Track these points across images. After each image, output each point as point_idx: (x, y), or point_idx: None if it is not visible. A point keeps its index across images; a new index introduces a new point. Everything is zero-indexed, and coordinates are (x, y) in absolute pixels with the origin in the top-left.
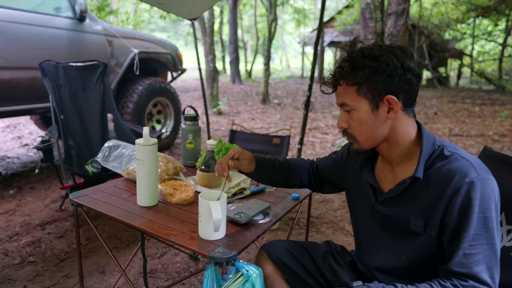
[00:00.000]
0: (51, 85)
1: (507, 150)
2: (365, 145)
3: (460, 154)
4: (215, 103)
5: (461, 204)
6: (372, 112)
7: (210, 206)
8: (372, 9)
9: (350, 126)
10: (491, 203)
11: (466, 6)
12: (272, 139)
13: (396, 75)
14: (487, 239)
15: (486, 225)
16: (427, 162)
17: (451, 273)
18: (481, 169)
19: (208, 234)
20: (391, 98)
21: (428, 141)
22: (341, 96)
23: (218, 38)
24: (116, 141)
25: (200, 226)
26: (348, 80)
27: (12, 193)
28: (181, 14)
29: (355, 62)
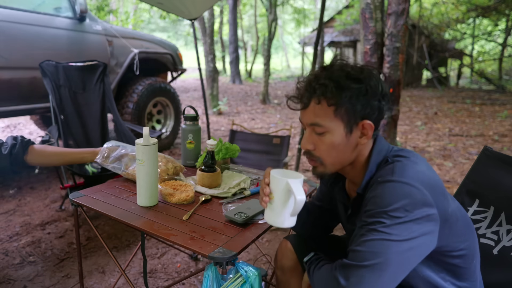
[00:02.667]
0: (51, 85)
1: (507, 150)
2: (331, 169)
3: (396, 161)
4: (215, 103)
5: (368, 200)
6: (346, 136)
7: (290, 185)
8: (372, 9)
9: (317, 148)
10: (395, 205)
11: (466, 6)
12: (272, 139)
13: (375, 100)
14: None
15: (381, 223)
16: (374, 175)
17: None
18: (401, 173)
19: (281, 219)
20: (368, 123)
21: (377, 156)
22: (314, 115)
23: (218, 38)
24: (115, 141)
25: (270, 209)
26: (329, 100)
27: (12, 193)
28: (181, 14)
29: (339, 82)
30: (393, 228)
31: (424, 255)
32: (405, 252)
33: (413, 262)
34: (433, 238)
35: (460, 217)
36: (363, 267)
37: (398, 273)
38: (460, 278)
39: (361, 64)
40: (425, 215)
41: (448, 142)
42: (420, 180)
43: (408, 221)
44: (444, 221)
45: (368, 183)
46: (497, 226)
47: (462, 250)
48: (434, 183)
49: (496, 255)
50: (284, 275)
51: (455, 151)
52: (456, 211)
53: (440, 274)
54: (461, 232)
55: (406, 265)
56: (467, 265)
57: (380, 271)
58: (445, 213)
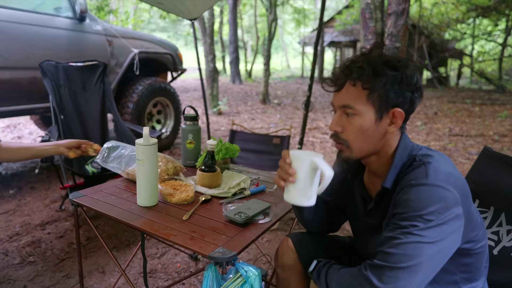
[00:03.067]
0: (51, 85)
1: (507, 150)
2: (357, 154)
3: (427, 163)
4: (215, 103)
5: (400, 202)
6: (375, 122)
7: (317, 163)
8: (372, 9)
9: (345, 131)
10: (429, 209)
11: (466, 6)
12: (272, 139)
13: (408, 90)
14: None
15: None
16: (400, 172)
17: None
18: (435, 177)
19: (307, 197)
20: (398, 111)
21: (403, 151)
22: (347, 97)
23: (218, 38)
24: (115, 141)
25: (295, 188)
26: (365, 83)
27: (12, 193)
28: (181, 14)
29: (376, 67)
30: (427, 231)
31: (451, 254)
32: (437, 253)
33: (442, 262)
34: (459, 236)
35: (478, 217)
36: (398, 268)
37: (429, 273)
38: (471, 279)
39: (398, 55)
40: (454, 215)
41: (448, 142)
42: (451, 182)
43: (440, 223)
44: (468, 220)
45: (395, 179)
46: (497, 226)
47: (479, 248)
48: (462, 184)
49: (496, 255)
50: (284, 273)
51: (455, 151)
52: (474, 212)
53: (454, 276)
54: (479, 231)
55: (437, 265)
56: (479, 265)
57: (414, 273)
58: (468, 211)
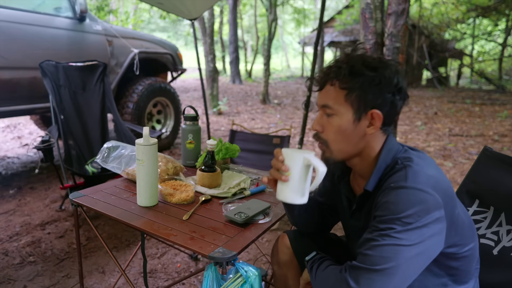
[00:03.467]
0: (51, 85)
1: (507, 150)
2: (337, 155)
3: (408, 166)
4: (215, 103)
5: (380, 205)
6: (353, 123)
7: (310, 160)
8: (372, 9)
9: (325, 131)
10: (408, 211)
11: (466, 6)
12: (272, 139)
13: (388, 92)
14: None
15: (392, 229)
16: (383, 175)
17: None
18: (414, 180)
19: (300, 194)
20: (376, 113)
21: (387, 154)
22: (327, 97)
23: (218, 38)
24: (115, 142)
25: (287, 186)
26: (342, 83)
27: (12, 193)
28: (181, 14)
29: (354, 67)
30: (404, 233)
31: (433, 257)
32: (415, 256)
33: (422, 265)
34: (441, 239)
35: (465, 220)
36: (374, 271)
37: (407, 276)
38: (460, 281)
39: (382, 57)
40: (435, 218)
41: (448, 142)
42: (432, 185)
43: (420, 226)
44: (451, 223)
45: (378, 182)
46: (497, 226)
47: (465, 252)
48: (445, 186)
49: (496, 255)
50: (280, 269)
51: (455, 151)
52: (461, 214)
53: (442, 279)
54: (466, 234)
55: (416, 269)
56: (468, 268)
57: (390, 275)
58: (452, 215)
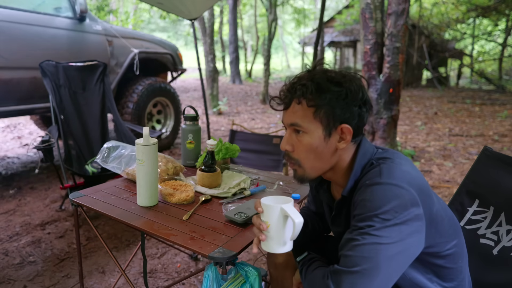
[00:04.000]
0: (51, 85)
1: (507, 150)
2: (310, 173)
3: (382, 163)
4: (215, 103)
5: (357, 203)
6: (324, 139)
7: (286, 211)
8: (372, 9)
9: (295, 149)
10: (385, 207)
11: (466, 6)
12: (272, 139)
13: (355, 106)
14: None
15: (371, 227)
16: (360, 177)
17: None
18: (388, 175)
19: (281, 245)
20: (346, 127)
21: (362, 158)
22: (295, 115)
23: (218, 38)
24: (115, 142)
25: (269, 237)
26: (309, 100)
27: (12, 193)
28: (181, 14)
29: (320, 84)
30: (383, 230)
31: (415, 256)
32: (396, 255)
33: (404, 264)
34: (421, 237)
35: (445, 217)
36: (354, 272)
37: (390, 276)
38: (446, 278)
39: (344, 70)
40: (414, 215)
41: (448, 142)
42: (407, 180)
43: (398, 223)
44: (429, 221)
45: (354, 186)
46: (497, 226)
47: (449, 250)
48: (420, 183)
49: (496, 255)
50: (276, 271)
51: (455, 151)
52: (440, 211)
53: (427, 275)
54: (447, 232)
55: (398, 268)
56: (453, 265)
57: (371, 276)
58: (430, 212)
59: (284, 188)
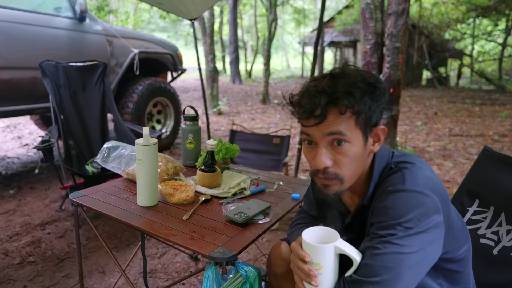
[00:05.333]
0: (51, 85)
1: (507, 150)
2: (347, 184)
3: (403, 168)
4: (215, 103)
5: (378, 210)
6: (364, 146)
7: (343, 249)
8: (372, 9)
9: (337, 163)
10: (408, 216)
11: (466, 6)
12: (272, 139)
13: (383, 105)
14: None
15: (394, 235)
16: (378, 182)
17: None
18: (412, 182)
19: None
20: (382, 128)
21: (380, 163)
22: (337, 124)
23: (218, 38)
24: (115, 142)
25: (322, 280)
26: (355, 108)
27: (12, 193)
28: (181, 14)
29: (361, 88)
30: (406, 239)
31: (432, 264)
32: (416, 264)
33: (422, 273)
34: (440, 245)
35: (458, 221)
36: (374, 283)
37: (409, 285)
38: (455, 282)
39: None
40: (435, 223)
41: (448, 142)
42: (430, 187)
43: (420, 231)
44: (448, 227)
45: (373, 192)
46: (497, 226)
47: (461, 254)
48: (441, 188)
49: (496, 255)
50: (277, 280)
51: (455, 151)
52: (455, 216)
53: (437, 280)
54: (461, 236)
55: (416, 277)
56: (463, 269)
57: (392, 286)
58: (448, 219)
59: (284, 188)
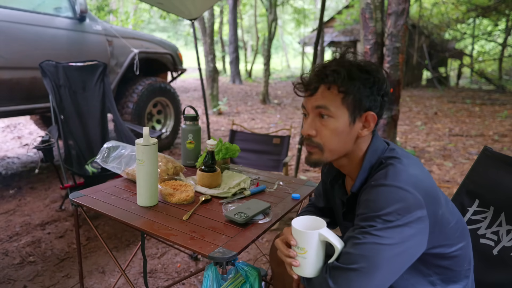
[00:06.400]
0: (51, 85)
1: (507, 150)
2: (328, 156)
3: (389, 164)
4: (215, 103)
5: (362, 203)
6: (349, 125)
7: (326, 236)
8: (372, 9)
9: (319, 134)
10: (388, 209)
11: (466, 6)
12: (272, 139)
13: (379, 95)
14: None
15: (373, 227)
16: (368, 176)
17: None
18: (394, 178)
19: (318, 269)
20: (371, 115)
21: (372, 155)
22: (323, 99)
23: (218, 38)
24: (115, 142)
25: (306, 263)
26: (340, 86)
27: (12, 193)
28: (181, 14)
29: (351, 70)
30: (385, 231)
31: (416, 257)
32: (396, 256)
33: (404, 265)
34: (423, 239)
35: (452, 220)
36: (352, 270)
37: (388, 277)
38: (450, 281)
39: (373, 62)
40: (416, 218)
41: (448, 142)
42: (413, 183)
43: (400, 225)
44: (433, 223)
45: (364, 183)
46: (497, 226)
47: (454, 252)
48: (427, 185)
49: (496, 255)
50: (278, 267)
51: (455, 151)
52: (446, 214)
53: (429, 278)
54: (453, 234)
55: (397, 269)
56: (458, 268)
57: (369, 275)
58: (435, 215)
59: (284, 188)
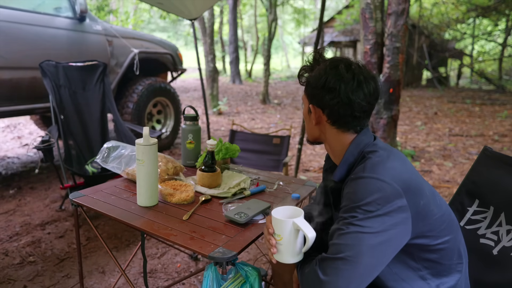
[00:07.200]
0: (51, 85)
1: (507, 150)
2: (308, 136)
3: (368, 158)
4: (215, 103)
5: (344, 196)
6: (308, 113)
7: (298, 225)
8: (372, 9)
9: None
10: (367, 199)
11: (466, 6)
12: (272, 139)
13: (316, 90)
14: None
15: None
16: (353, 168)
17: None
18: (371, 170)
19: (295, 255)
20: (312, 106)
21: (355, 148)
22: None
23: (218, 38)
24: (115, 142)
25: (282, 250)
26: (304, 80)
27: (12, 193)
28: (181, 14)
29: (312, 66)
30: (366, 221)
31: (400, 247)
32: (379, 244)
33: (388, 254)
34: (406, 229)
35: (437, 213)
36: (338, 259)
37: (374, 265)
38: (441, 275)
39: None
40: (397, 207)
41: (448, 142)
42: (390, 175)
43: (381, 214)
44: (415, 213)
45: (345, 175)
46: (497, 226)
47: (440, 245)
48: (406, 177)
49: (496, 255)
50: (278, 266)
51: (455, 151)
52: (430, 206)
53: (419, 272)
54: (438, 227)
55: (382, 257)
56: (446, 262)
57: (354, 263)
58: (416, 205)
59: (284, 188)
